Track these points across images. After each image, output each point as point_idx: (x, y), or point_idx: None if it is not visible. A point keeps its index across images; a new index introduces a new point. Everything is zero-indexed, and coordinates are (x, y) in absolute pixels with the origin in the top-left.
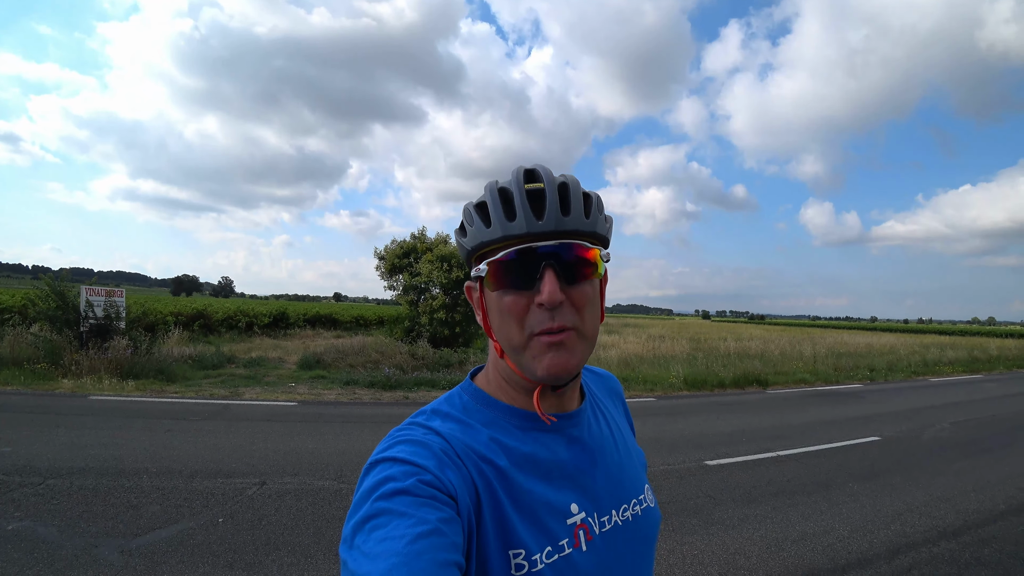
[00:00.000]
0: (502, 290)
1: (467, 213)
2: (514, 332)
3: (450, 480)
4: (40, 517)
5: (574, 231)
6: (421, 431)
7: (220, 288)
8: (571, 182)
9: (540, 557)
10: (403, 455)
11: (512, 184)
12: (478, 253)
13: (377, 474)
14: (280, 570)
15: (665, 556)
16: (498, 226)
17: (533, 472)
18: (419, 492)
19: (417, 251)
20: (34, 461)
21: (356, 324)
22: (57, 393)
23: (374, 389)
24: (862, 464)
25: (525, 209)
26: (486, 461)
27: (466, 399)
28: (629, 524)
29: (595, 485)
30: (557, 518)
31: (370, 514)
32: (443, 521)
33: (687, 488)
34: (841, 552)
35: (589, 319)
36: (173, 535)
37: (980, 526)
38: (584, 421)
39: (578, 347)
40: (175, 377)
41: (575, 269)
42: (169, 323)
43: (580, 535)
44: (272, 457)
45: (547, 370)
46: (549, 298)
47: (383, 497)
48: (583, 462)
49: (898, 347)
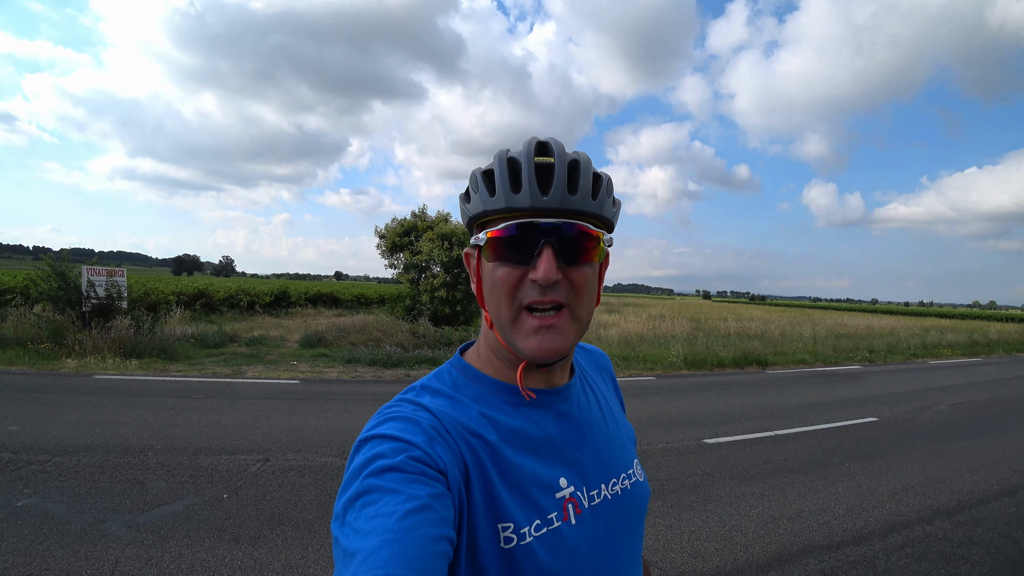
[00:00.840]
0: (498, 262)
1: (473, 179)
2: (503, 305)
3: (439, 456)
4: (48, 494)
5: (579, 211)
6: (410, 407)
7: (221, 267)
8: (583, 160)
9: (529, 530)
10: (392, 432)
11: (522, 155)
12: (480, 221)
13: (367, 451)
14: (284, 544)
15: (663, 532)
16: (502, 196)
17: (522, 447)
18: (409, 468)
19: (418, 229)
20: (41, 439)
21: (357, 303)
22: (62, 372)
23: (375, 367)
24: (859, 444)
25: (531, 182)
26: (476, 436)
27: (455, 374)
28: (618, 498)
29: (584, 460)
30: (546, 492)
31: (360, 491)
32: (433, 497)
33: (685, 466)
34: (836, 529)
35: (584, 301)
36: (179, 511)
37: (974, 506)
38: (573, 396)
39: (570, 330)
40: (178, 356)
41: (575, 249)
42: (171, 302)
43: (569, 509)
44: (275, 434)
45: (535, 351)
46: (544, 276)
47: (373, 474)
48: (572, 437)
49: (898, 329)
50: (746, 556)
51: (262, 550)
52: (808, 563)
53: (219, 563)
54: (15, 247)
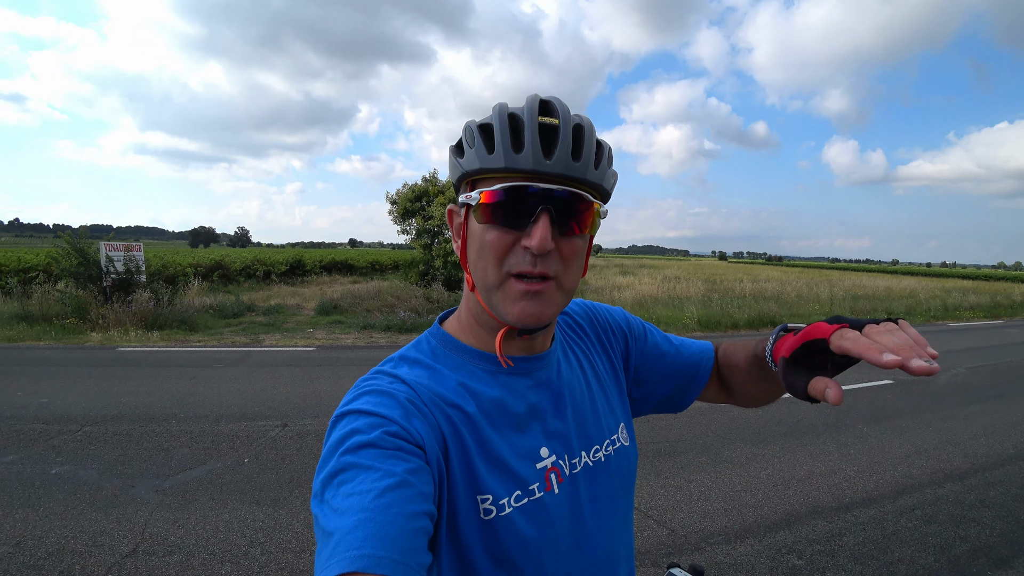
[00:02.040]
0: (489, 224)
1: (468, 132)
2: (490, 269)
3: (417, 429)
4: (80, 461)
5: (580, 179)
6: (387, 380)
7: (237, 238)
8: (587, 125)
9: (508, 501)
10: (368, 407)
11: (525, 112)
12: (472, 178)
13: (343, 427)
14: (303, 504)
15: (673, 493)
16: (501, 155)
17: (501, 417)
18: (385, 444)
19: (429, 194)
20: (70, 410)
21: (371, 269)
22: (87, 346)
23: (390, 332)
24: (873, 407)
25: (535, 144)
26: (454, 407)
27: (434, 344)
28: (601, 465)
29: (565, 428)
30: (526, 463)
31: (337, 468)
32: (410, 472)
33: (697, 428)
34: (846, 491)
35: (572, 272)
36: (202, 475)
37: (987, 469)
38: (554, 363)
39: (555, 298)
40: (197, 327)
41: (571, 220)
42: (189, 275)
43: (552, 478)
44: (293, 400)
45: (519, 317)
46: (539, 244)
47: (349, 451)
48: (552, 405)
49: (918, 291)
50: (755, 517)
51: (282, 511)
52: (816, 524)
53: (242, 524)
54: (36, 226)
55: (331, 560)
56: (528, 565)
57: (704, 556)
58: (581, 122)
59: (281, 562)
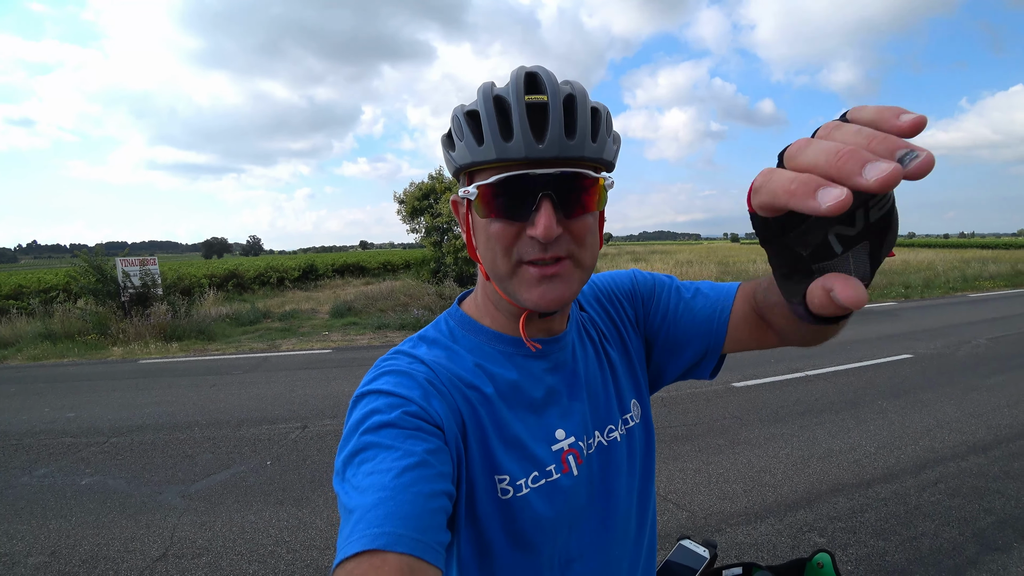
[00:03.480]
0: (492, 217)
1: (456, 123)
2: (500, 260)
3: (436, 410)
4: (108, 472)
5: (578, 157)
6: (406, 360)
7: (249, 247)
8: (578, 94)
9: (526, 482)
10: (388, 387)
11: (510, 93)
12: (468, 170)
13: (363, 407)
14: (326, 503)
15: (691, 476)
16: (491, 146)
17: (518, 399)
18: (405, 424)
19: (436, 191)
20: (97, 423)
21: (384, 270)
22: (109, 360)
23: (405, 331)
24: (893, 382)
25: (524, 128)
26: (472, 388)
27: (452, 324)
28: (615, 444)
29: (581, 409)
30: (542, 444)
31: (358, 448)
32: (429, 452)
33: (714, 410)
34: (867, 467)
35: (588, 248)
36: (227, 479)
37: (1011, 440)
38: (569, 344)
39: (574, 277)
40: (215, 336)
41: (576, 200)
42: (204, 285)
43: (570, 461)
44: (311, 402)
45: (538, 302)
46: (544, 233)
47: (370, 430)
48: (568, 387)
49: (936, 263)
50: (775, 496)
51: (305, 510)
52: (837, 501)
53: (267, 524)
54: (53, 247)
55: (351, 537)
56: (545, 544)
57: (724, 537)
58: (572, 91)
59: (306, 559)
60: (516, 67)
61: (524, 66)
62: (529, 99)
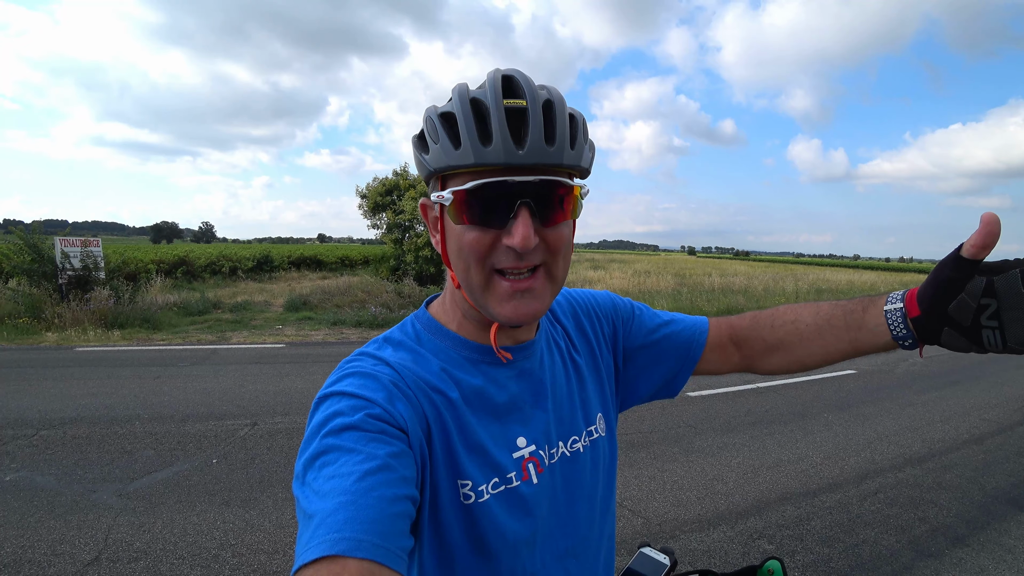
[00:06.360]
0: (466, 225)
1: (430, 124)
2: (473, 270)
3: (400, 413)
4: (36, 467)
5: (557, 164)
6: (371, 362)
7: (201, 234)
8: (556, 100)
9: (486, 488)
10: (351, 389)
11: (488, 96)
12: (442, 175)
13: (326, 409)
14: (275, 505)
15: (647, 483)
16: (469, 150)
17: (482, 406)
18: (368, 427)
19: (400, 188)
20: (25, 414)
21: (341, 264)
22: (42, 347)
23: (361, 328)
24: (837, 395)
25: (503, 133)
26: (437, 392)
27: (419, 327)
28: (578, 455)
29: (545, 418)
30: (504, 452)
31: (319, 451)
32: (392, 456)
33: (669, 419)
34: (813, 477)
35: (561, 260)
36: (169, 477)
37: (944, 453)
38: (537, 353)
39: (547, 291)
40: (161, 325)
41: (554, 208)
42: (151, 271)
43: (529, 468)
44: (262, 398)
45: (511, 317)
46: (522, 243)
47: (332, 433)
48: (532, 395)
49: (879, 284)
50: (727, 504)
51: (253, 512)
52: (786, 509)
53: (211, 526)
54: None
55: (311, 543)
56: (504, 552)
57: (678, 543)
58: (550, 97)
59: (253, 563)
60: (491, 69)
61: (500, 68)
62: (508, 103)
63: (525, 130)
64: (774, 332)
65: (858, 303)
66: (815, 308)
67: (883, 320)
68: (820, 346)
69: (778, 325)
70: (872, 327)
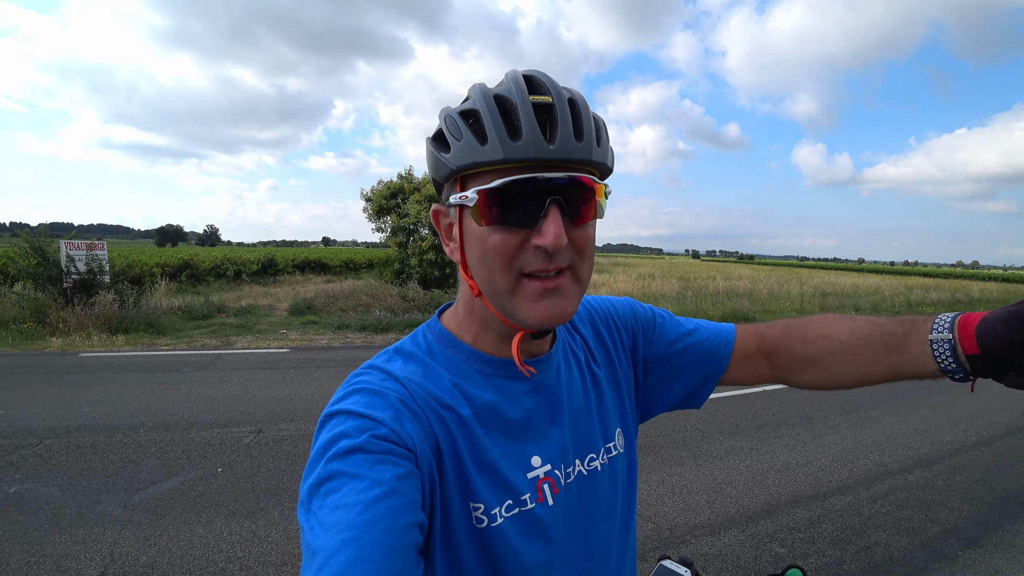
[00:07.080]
0: (493, 225)
1: (451, 122)
2: (499, 275)
3: (408, 432)
4: (40, 478)
5: (585, 160)
6: (379, 376)
7: (206, 237)
8: (580, 99)
9: (499, 511)
10: (357, 407)
11: (513, 93)
12: (463, 175)
13: (331, 429)
14: (282, 515)
15: (655, 487)
16: (498, 145)
17: (495, 423)
18: (374, 448)
19: (404, 191)
20: (29, 422)
21: (346, 268)
22: (46, 352)
23: (366, 332)
24: (845, 398)
25: (533, 127)
26: (447, 408)
27: (430, 338)
28: (596, 474)
29: (561, 435)
30: (518, 472)
31: (324, 476)
32: (399, 478)
33: (675, 423)
34: (823, 480)
35: (587, 261)
36: (174, 487)
37: (953, 455)
38: (554, 366)
39: (574, 292)
40: (165, 329)
41: (581, 207)
42: (156, 275)
43: (545, 489)
44: (267, 405)
45: (541, 319)
46: (554, 242)
47: (336, 457)
48: (548, 411)
49: (883, 288)
50: (736, 508)
51: (260, 523)
52: (796, 512)
53: (217, 538)
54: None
55: None
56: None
57: (690, 548)
58: (574, 96)
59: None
60: (509, 70)
61: (517, 69)
62: (533, 99)
63: (555, 125)
64: (806, 346)
65: (898, 324)
66: (851, 324)
67: (927, 350)
68: (855, 366)
69: (811, 339)
70: (915, 354)
